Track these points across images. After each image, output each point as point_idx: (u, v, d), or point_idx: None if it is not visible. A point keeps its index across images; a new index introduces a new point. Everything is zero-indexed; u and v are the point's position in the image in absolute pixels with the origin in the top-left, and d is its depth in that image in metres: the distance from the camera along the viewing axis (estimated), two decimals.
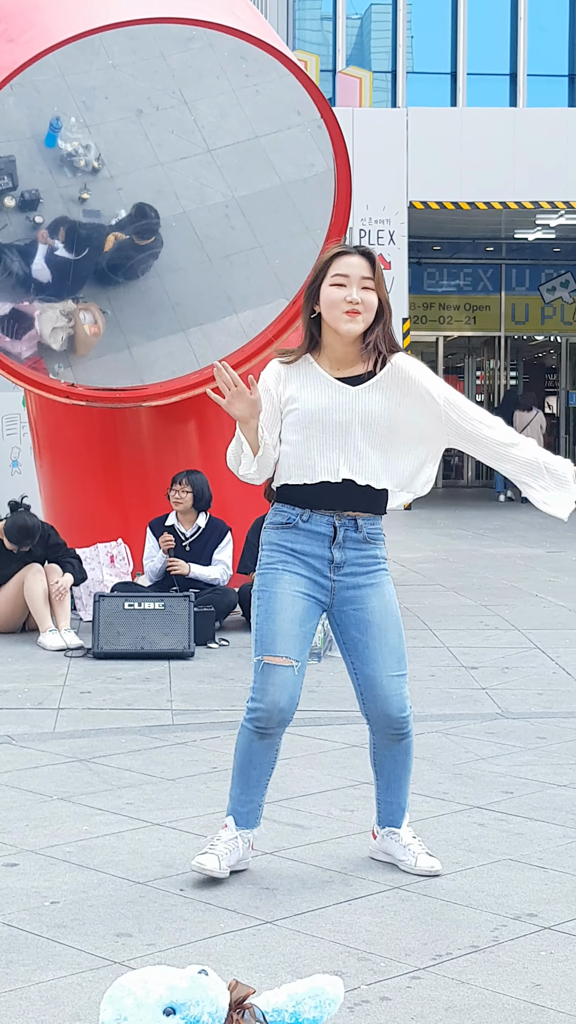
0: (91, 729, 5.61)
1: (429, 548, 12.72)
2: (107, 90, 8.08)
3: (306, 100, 8.09)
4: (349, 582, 3.73)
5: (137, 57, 8.07)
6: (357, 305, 3.66)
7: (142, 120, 8.16)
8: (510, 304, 22.87)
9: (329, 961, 3.16)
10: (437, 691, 6.38)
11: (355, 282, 3.67)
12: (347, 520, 3.72)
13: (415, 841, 3.85)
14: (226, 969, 3.08)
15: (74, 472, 9.15)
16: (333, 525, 3.71)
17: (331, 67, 21.88)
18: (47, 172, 8.11)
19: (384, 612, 3.76)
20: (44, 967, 3.11)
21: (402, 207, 17.88)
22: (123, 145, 8.16)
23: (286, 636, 3.69)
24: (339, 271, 3.69)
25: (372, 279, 3.69)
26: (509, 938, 3.31)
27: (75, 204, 8.16)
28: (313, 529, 3.71)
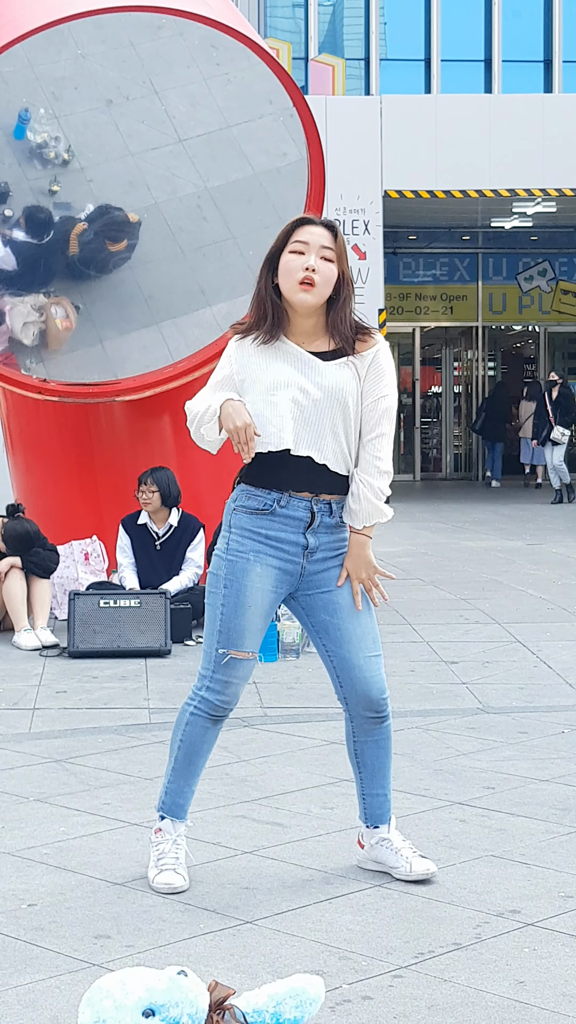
0: (67, 729, 5.61)
1: (408, 542, 12.75)
2: (76, 80, 8.07)
3: (278, 88, 8.09)
4: (317, 567, 3.70)
5: (106, 46, 8.06)
6: (313, 274, 3.60)
7: (112, 110, 8.15)
8: (487, 294, 22.92)
9: (310, 960, 3.17)
10: (417, 686, 6.40)
11: (314, 250, 3.63)
12: (323, 504, 3.67)
13: (406, 845, 3.77)
14: (206, 970, 3.09)
15: (48, 469, 9.14)
16: (311, 510, 3.65)
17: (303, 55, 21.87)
18: (16, 164, 8.09)
19: (346, 589, 3.72)
20: (22, 970, 3.12)
21: (377, 196, 17.89)
22: (93, 136, 8.15)
23: (253, 631, 3.67)
24: (299, 238, 3.65)
25: (332, 250, 3.63)
26: (492, 935, 3.33)
27: (45, 196, 8.14)
28: (290, 515, 3.65)
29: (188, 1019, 2.29)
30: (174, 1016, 2.29)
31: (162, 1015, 2.29)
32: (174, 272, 8.23)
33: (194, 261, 8.22)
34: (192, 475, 8.51)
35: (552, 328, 23.65)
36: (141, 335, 8.18)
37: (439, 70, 22.44)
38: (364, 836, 3.83)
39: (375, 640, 3.77)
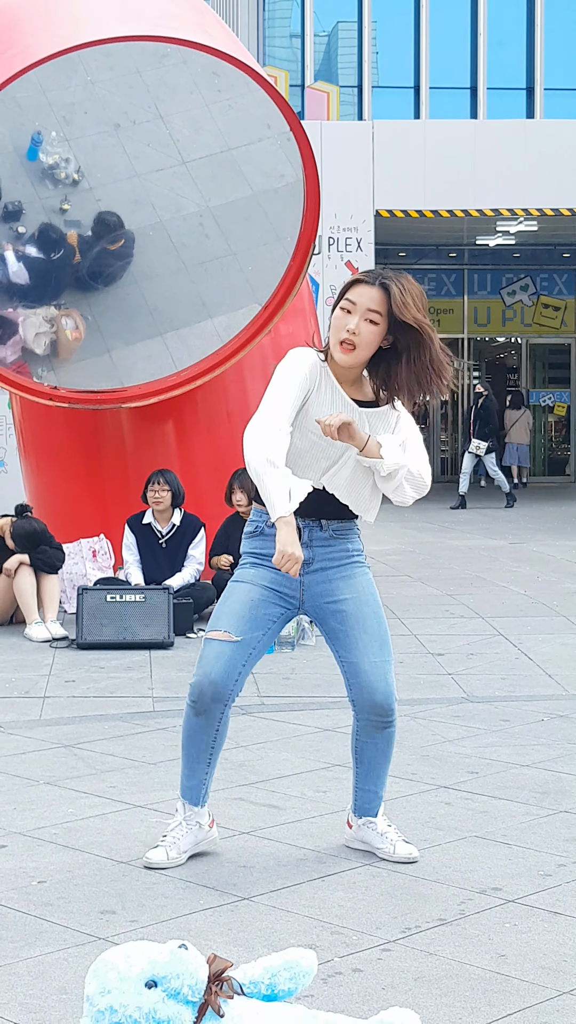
0: (75, 716, 5.61)
1: (397, 540, 12.74)
2: (86, 105, 8.05)
3: (276, 114, 8.08)
4: (319, 578, 3.66)
5: (114, 73, 8.05)
6: (353, 336, 3.52)
7: (119, 134, 8.13)
8: (472, 307, 22.92)
9: (303, 935, 3.16)
10: (405, 677, 6.40)
11: (359, 311, 3.53)
12: (310, 522, 3.63)
13: (391, 829, 3.77)
14: (205, 944, 3.08)
15: (58, 471, 9.13)
16: (298, 527, 3.56)
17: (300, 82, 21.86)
18: (29, 184, 8.08)
19: (359, 601, 3.67)
20: (31, 943, 3.11)
21: (368, 215, 17.88)
22: (101, 158, 8.14)
23: (233, 615, 3.60)
24: (349, 297, 3.56)
25: (378, 312, 3.52)
26: (475, 911, 3.32)
27: (56, 215, 8.13)
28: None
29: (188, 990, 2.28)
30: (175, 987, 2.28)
31: (164, 986, 2.28)
32: (177, 286, 8.22)
33: (196, 275, 8.21)
34: (193, 477, 8.50)
35: (533, 340, 23.67)
36: (146, 345, 8.18)
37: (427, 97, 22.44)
38: (352, 818, 3.83)
39: (383, 647, 3.70)
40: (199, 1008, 2.29)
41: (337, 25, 22.83)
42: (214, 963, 2.34)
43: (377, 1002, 2.78)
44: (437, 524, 14.72)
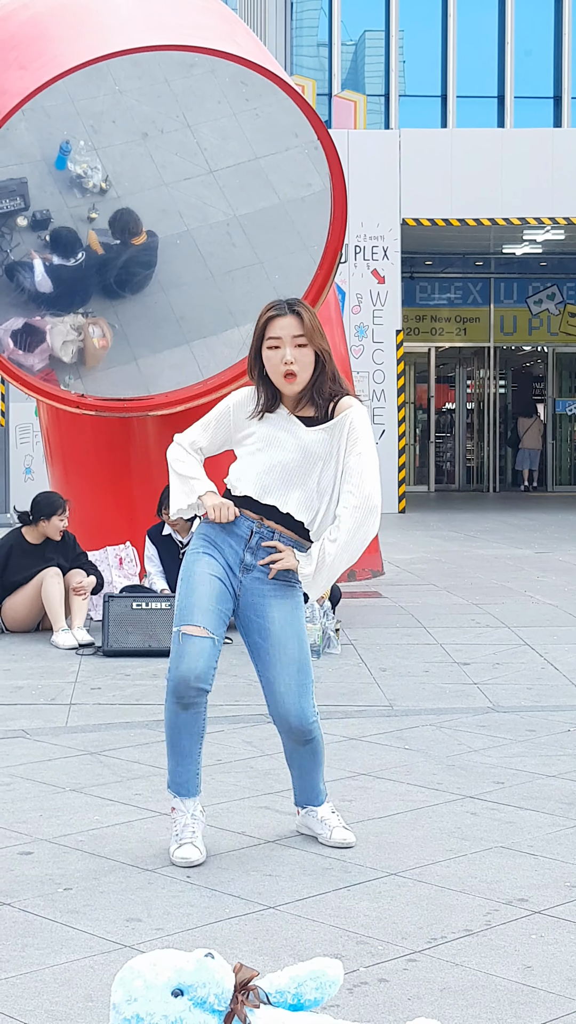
0: (101, 723, 5.62)
1: (422, 549, 12.72)
2: (114, 114, 8.09)
3: (303, 123, 8.09)
4: (255, 588, 3.81)
5: (142, 83, 8.08)
6: (292, 366, 3.77)
7: (147, 143, 8.16)
8: (499, 316, 22.89)
9: (329, 944, 3.16)
10: (431, 686, 6.38)
11: (287, 342, 3.77)
12: (265, 529, 3.81)
13: (333, 816, 3.95)
14: (231, 952, 3.08)
15: (84, 478, 9.15)
16: (251, 529, 3.80)
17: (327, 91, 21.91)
18: (57, 193, 8.11)
19: (284, 623, 3.81)
20: (58, 951, 3.12)
21: (395, 224, 17.89)
22: (129, 167, 8.17)
23: (203, 610, 3.74)
24: (272, 334, 3.80)
25: (304, 335, 3.78)
26: (501, 922, 3.31)
27: (84, 223, 8.17)
28: (234, 530, 3.81)
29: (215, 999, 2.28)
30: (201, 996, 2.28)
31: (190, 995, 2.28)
32: (204, 294, 8.24)
33: (223, 284, 8.23)
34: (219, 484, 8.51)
35: (560, 349, 23.61)
36: (173, 353, 8.20)
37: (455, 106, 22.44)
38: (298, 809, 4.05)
39: (300, 669, 3.82)
40: (225, 1017, 2.29)
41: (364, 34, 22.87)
42: (240, 972, 2.34)
43: (403, 1012, 2.77)
44: (463, 533, 14.69)
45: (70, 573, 7.85)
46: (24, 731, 5.46)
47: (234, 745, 5.19)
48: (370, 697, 6.15)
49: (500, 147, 18.21)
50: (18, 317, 8.13)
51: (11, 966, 3.02)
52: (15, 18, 8.49)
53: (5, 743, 5.25)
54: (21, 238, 8.09)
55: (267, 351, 3.80)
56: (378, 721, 5.63)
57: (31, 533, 7.96)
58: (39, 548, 7.94)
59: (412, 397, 24.44)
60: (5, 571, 7.88)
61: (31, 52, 7.99)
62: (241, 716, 5.71)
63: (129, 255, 8.22)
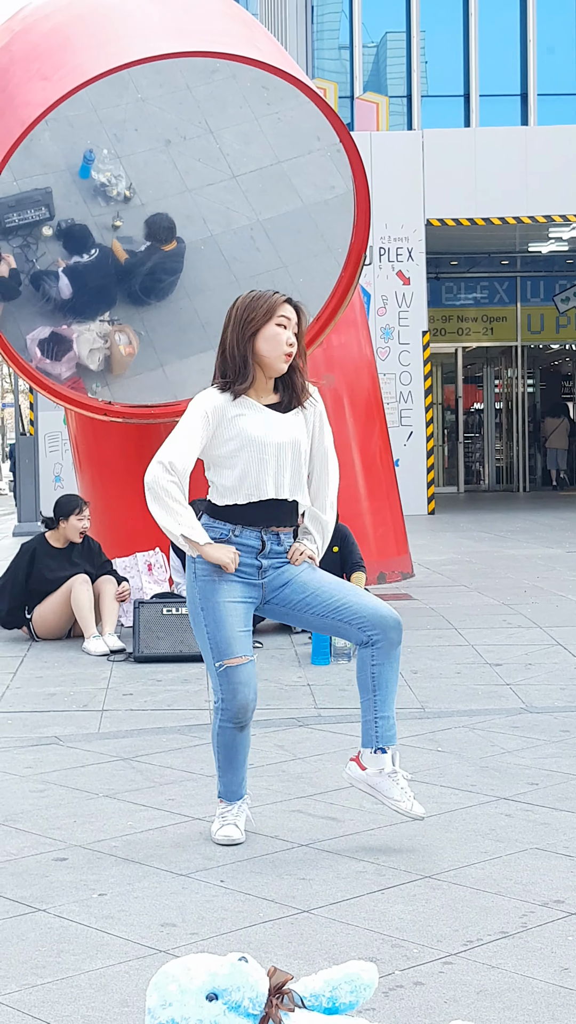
0: (134, 729, 5.63)
1: (452, 550, 12.69)
2: (137, 122, 8.12)
3: (325, 126, 8.10)
4: (276, 575, 3.99)
5: (164, 90, 8.11)
6: (292, 348, 3.98)
7: (170, 150, 8.19)
8: (526, 315, 22.82)
9: (364, 948, 3.16)
10: (463, 687, 6.37)
11: (291, 326, 4.00)
12: (272, 535, 3.98)
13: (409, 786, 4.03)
14: (265, 956, 3.08)
15: (113, 485, 9.19)
16: (261, 538, 3.96)
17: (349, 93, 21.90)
18: (82, 202, 8.15)
19: (311, 572, 4.00)
20: (93, 956, 3.13)
21: (420, 225, 17.87)
22: (153, 174, 8.19)
23: (238, 638, 3.92)
24: (284, 314, 4.00)
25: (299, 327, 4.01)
26: (537, 924, 3.30)
27: (108, 231, 8.20)
28: (244, 542, 3.95)
29: (249, 1003, 2.29)
30: (236, 1000, 2.29)
31: (224, 999, 2.29)
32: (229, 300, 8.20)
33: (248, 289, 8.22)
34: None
35: None
36: (199, 359, 8.21)
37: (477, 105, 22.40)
38: (368, 760, 3.98)
39: (353, 588, 4.00)
40: (260, 1021, 2.29)
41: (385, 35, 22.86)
42: (274, 976, 2.34)
43: (439, 1016, 2.77)
44: (493, 534, 14.65)
45: (100, 580, 7.87)
46: (57, 737, 5.49)
47: (266, 749, 5.19)
48: (402, 699, 6.14)
49: (524, 145, 18.17)
50: (45, 326, 8.17)
51: (47, 972, 3.03)
52: (37, 29, 8.54)
53: (38, 750, 5.27)
54: (46, 248, 8.13)
55: (275, 327, 3.97)
56: (410, 723, 5.62)
57: (55, 537, 7.98)
58: (64, 552, 7.96)
59: (439, 398, 24.40)
60: (30, 577, 7.91)
61: (53, 62, 8.03)
62: (273, 720, 5.71)
63: (155, 262, 8.24)
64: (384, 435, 10.42)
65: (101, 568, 8.02)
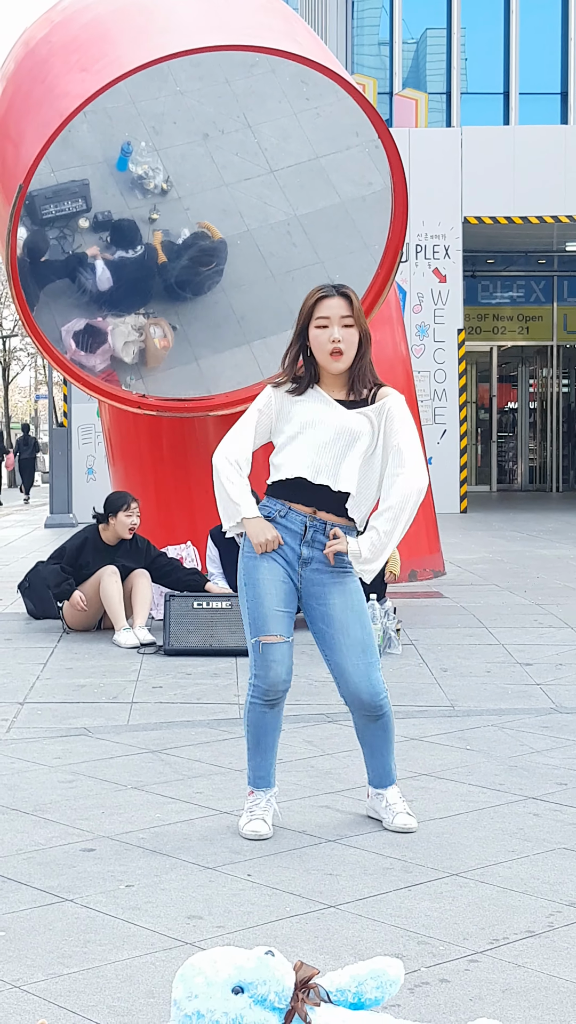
0: (163, 722, 5.65)
1: (484, 550, 12.66)
2: (175, 115, 8.13)
3: (364, 122, 8.08)
4: (315, 579, 4.00)
5: (203, 83, 8.12)
6: (339, 344, 3.94)
7: (208, 143, 8.20)
8: (562, 314, 22.72)
9: (390, 944, 3.16)
10: (493, 687, 6.35)
11: (336, 322, 3.95)
12: (318, 522, 3.98)
13: (400, 801, 4.10)
14: (292, 951, 3.08)
15: (145, 478, 9.21)
16: (305, 524, 3.98)
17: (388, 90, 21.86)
18: (119, 194, 8.17)
19: (345, 607, 3.99)
20: (120, 947, 3.14)
21: (457, 222, 17.82)
22: (190, 167, 8.21)
23: (275, 617, 3.97)
24: (321, 313, 3.96)
25: (351, 316, 3.95)
26: (564, 924, 3.29)
27: (145, 224, 8.22)
28: (288, 526, 3.99)
29: (275, 996, 2.29)
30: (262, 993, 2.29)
31: (250, 992, 2.29)
32: (265, 295, 8.25)
33: (283, 284, 8.25)
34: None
35: None
36: (234, 354, 8.22)
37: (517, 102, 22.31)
38: (369, 789, 4.19)
39: (365, 649, 4.01)
40: (285, 1015, 2.30)
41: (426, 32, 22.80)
42: (301, 970, 2.34)
43: (464, 1013, 2.77)
44: (525, 533, 14.60)
45: (133, 573, 7.87)
46: (86, 729, 5.51)
47: (295, 744, 5.19)
48: (431, 697, 6.13)
49: (563, 143, 18.08)
50: (80, 318, 8.19)
51: (73, 962, 3.05)
52: (76, 20, 8.56)
53: (68, 741, 5.29)
54: (83, 239, 8.15)
55: (315, 330, 3.97)
56: (439, 721, 5.61)
57: (106, 533, 8.00)
58: (110, 550, 7.98)
59: (474, 396, 24.33)
60: (77, 564, 7.91)
61: (92, 54, 8.05)
62: (302, 716, 5.71)
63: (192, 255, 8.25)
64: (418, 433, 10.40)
65: (153, 564, 8.00)
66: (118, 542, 7.99)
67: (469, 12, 22.41)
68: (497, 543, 13.41)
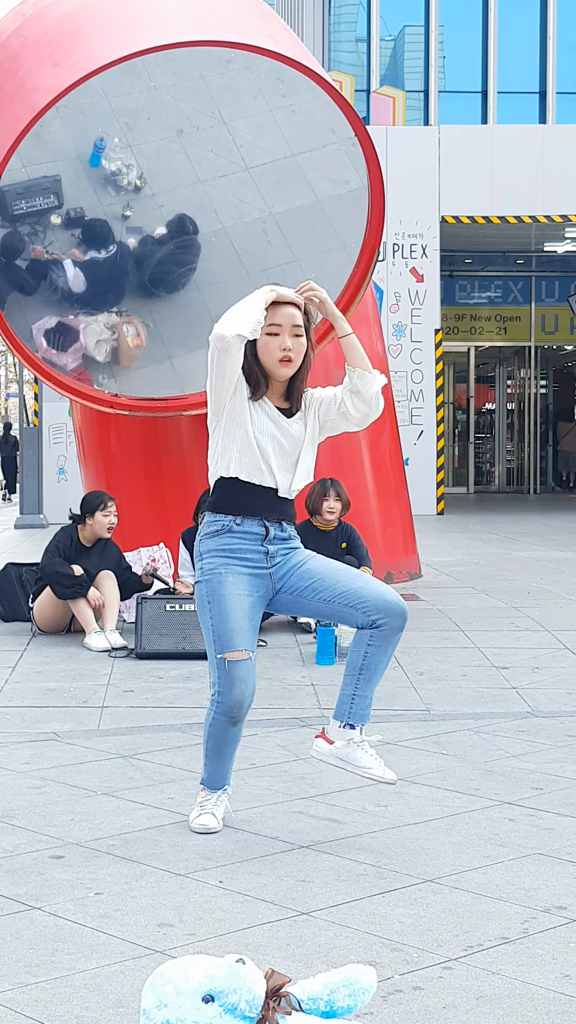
0: (134, 727, 5.63)
1: (461, 552, 12.68)
2: (149, 111, 8.11)
3: (341, 119, 8.09)
4: (284, 561, 4.06)
5: (177, 79, 8.10)
6: (289, 352, 4.01)
7: (182, 140, 8.19)
8: (540, 315, 22.79)
9: (363, 951, 3.15)
10: (468, 690, 6.36)
11: (287, 330, 4.02)
12: (275, 523, 4.06)
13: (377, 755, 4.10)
14: (263, 959, 3.08)
15: (118, 479, 9.19)
16: (264, 525, 4.03)
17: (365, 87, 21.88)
18: (91, 191, 8.15)
19: (324, 561, 4.07)
20: (88, 956, 3.12)
21: (434, 222, 17.85)
22: (164, 164, 8.19)
23: (240, 632, 3.98)
24: (273, 320, 4.02)
25: (301, 326, 4.03)
26: (539, 930, 3.29)
27: (118, 221, 8.20)
28: (247, 530, 4.02)
29: (246, 1005, 2.28)
30: (232, 1002, 2.28)
31: (221, 1000, 2.28)
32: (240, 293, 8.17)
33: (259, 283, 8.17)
34: None
35: None
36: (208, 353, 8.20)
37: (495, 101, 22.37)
38: (335, 734, 4.09)
39: (361, 575, 4.06)
40: None
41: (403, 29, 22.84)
42: (272, 978, 2.33)
43: (438, 1021, 2.76)
44: (502, 535, 14.63)
45: (100, 575, 7.84)
46: (56, 734, 5.49)
47: (268, 749, 5.19)
48: (407, 701, 6.14)
49: (542, 143, 18.14)
50: (51, 316, 8.17)
51: (41, 971, 3.03)
52: (49, 14, 8.54)
53: (37, 746, 5.27)
54: (55, 236, 8.13)
55: (265, 336, 4.02)
56: (415, 725, 5.62)
57: (83, 533, 7.97)
58: (86, 551, 7.93)
59: (451, 397, 24.38)
60: None
61: (65, 48, 8.03)
62: (275, 720, 5.70)
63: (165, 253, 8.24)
64: (394, 434, 10.41)
65: (121, 575, 7.97)
66: (94, 543, 7.96)
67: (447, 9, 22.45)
68: (474, 545, 13.43)
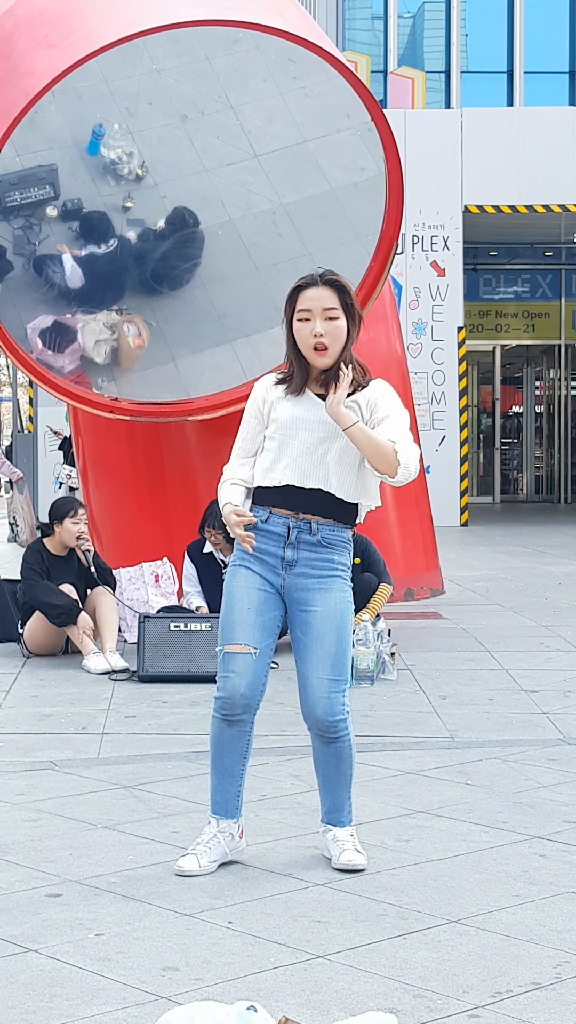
0: (136, 755, 5.64)
1: (486, 566, 12.68)
2: (151, 95, 8.15)
3: (356, 102, 8.11)
4: (299, 583, 4.06)
5: (181, 61, 8.14)
6: (322, 338, 3.99)
7: (187, 126, 8.22)
8: (571, 311, 22.80)
9: (383, 998, 3.15)
10: (496, 716, 6.36)
11: (318, 315, 4.00)
12: (302, 522, 4.04)
13: (350, 839, 4.12)
14: (276, 1005, 3.08)
15: (118, 489, 9.21)
16: (287, 526, 4.03)
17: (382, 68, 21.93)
18: (90, 180, 8.18)
19: (326, 616, 4.04)
20: (88, 1002, 3.13)
21: (457, 212, 17.88)
22: (167, 152, 8.22)
23: (243, 625, 4.03)
24: (302, 306, 4.03)
25: (336, 308, 4.00)
26: (572, 975, 3.29)
27: (118, 213, 8.23)
28: (270, 530, 4.06)
29: None
30: None
31: None
32: (248, 289, 8.27)
33: (268, 278, 8.26)
34: None
35: None
36: (214, 353, 8.23)
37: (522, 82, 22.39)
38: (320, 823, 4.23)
39: (335, 665, 4.05)
40: None
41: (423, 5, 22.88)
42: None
43: None
44: (531, 548, 14.63)
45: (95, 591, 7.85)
46: (53, 763, 5.50)
47: (280, 779, 5.19)
48: (429, 728, 6.14)
49: (572, 126, 18.16)
50: (47, 315, 8.19)
51: (38, 1018, 3.03)
52: None
53: (33, 775, 5.28)
54: (51, 229, 8.16)
55: (297, 323, 4.04)
56: (438, 754, 5.61)
57: (51, 543, 7.95)
58: (63, 561, 7.93)
59: (475, 400, 24.39)
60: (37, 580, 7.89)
61: (62, 29, 8.06)
62: (288, 747, 5.71)
63: (167, 247, 8.26)
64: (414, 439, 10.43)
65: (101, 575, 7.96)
66: (68, 552, 7.92)
67: None
68: (500, 559, 13.43)
